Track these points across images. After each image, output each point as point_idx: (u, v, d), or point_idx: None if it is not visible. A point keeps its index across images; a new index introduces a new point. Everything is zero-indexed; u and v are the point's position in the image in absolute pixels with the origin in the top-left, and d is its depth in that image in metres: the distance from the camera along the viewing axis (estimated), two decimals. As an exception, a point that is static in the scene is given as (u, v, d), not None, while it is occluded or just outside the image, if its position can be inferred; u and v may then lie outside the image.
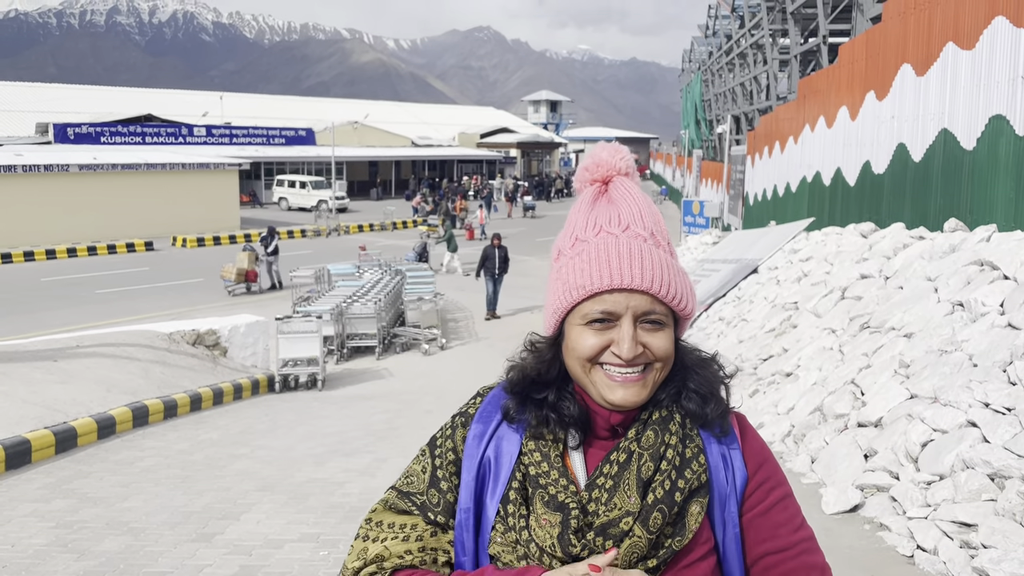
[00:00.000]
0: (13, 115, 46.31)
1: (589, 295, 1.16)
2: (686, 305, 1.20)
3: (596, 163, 1.24)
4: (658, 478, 1.16)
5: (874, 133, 11.19)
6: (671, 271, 1.18)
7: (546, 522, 1.16)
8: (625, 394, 1.16)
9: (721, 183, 27.03)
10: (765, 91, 31.22)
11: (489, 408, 1.29)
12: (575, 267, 1.18)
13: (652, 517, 1.14)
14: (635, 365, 1.16)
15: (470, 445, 1.26)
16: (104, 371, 8.88)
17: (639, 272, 1.15)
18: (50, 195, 27.11)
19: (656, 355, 1.17)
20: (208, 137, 43.64)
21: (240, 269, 19.27)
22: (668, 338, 1.18)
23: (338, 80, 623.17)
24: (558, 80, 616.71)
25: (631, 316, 1.15)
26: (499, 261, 16.96)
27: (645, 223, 1.20)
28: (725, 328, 9.62)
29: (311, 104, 71.19)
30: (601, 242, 1.18)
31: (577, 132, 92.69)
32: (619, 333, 1.15)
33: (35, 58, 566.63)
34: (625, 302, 1.15)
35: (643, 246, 1.18)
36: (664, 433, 1.19)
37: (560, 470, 1.19)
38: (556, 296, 1.20)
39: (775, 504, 1.22)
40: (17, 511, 5.54)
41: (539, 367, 1.24)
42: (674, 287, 1.17)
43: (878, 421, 5.20)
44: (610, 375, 1.16)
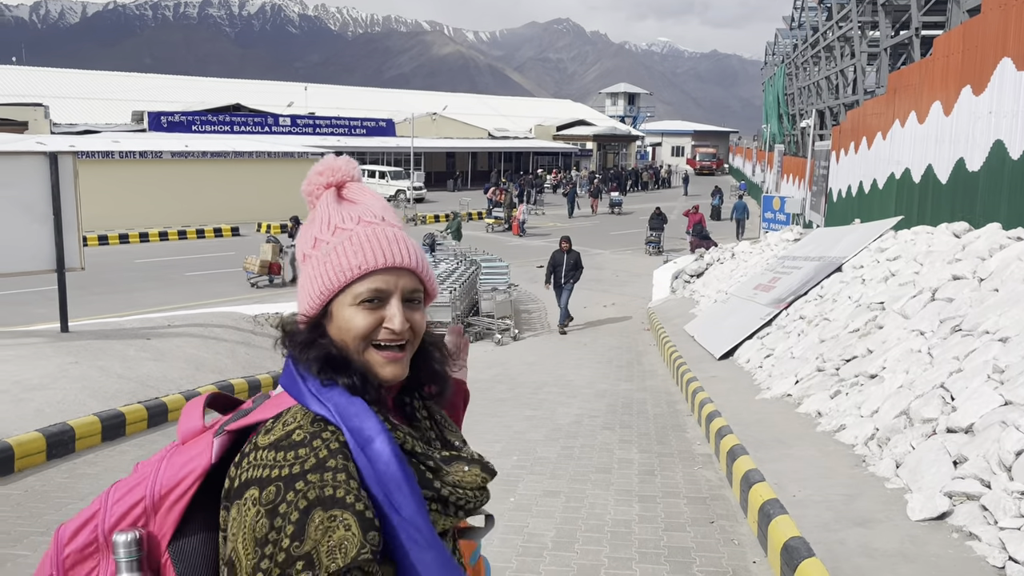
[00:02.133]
0: (111, 103, 48.39)
1: (363, 274, 1.24)
2: (434, 285, 1.36)
3: (331, 168, 1.33)
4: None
5: (969, 129, 10.75)
6: (423, 254, 1.34)
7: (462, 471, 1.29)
8: (394, 370, 1.26)
9: (803, 179, 26.36)
10: (852, 85, 30.28)
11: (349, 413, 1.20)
12: (345, 250, 1.26)
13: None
14: (401, 340, 1.26)
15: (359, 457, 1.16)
16: (193, 350, 9.24)
17: (406, 253, 1.28)
18: (144, 180, 28.27)
19: (416, 331, 1.29)
20: (293, 127, 44.76)
21: (263, 261, 19.04)
22: (424, 316, 1.32)
23: (418, 72, 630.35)
24: (636, 72, 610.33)
25: (399, 294, 1.26)
26: (568, 268, 15.10)
27: (392, 215, 1.34)
28: (806, 327, 9.41)
29: (391, 95, 72.29)
30: (366, 229, 1.28)
31: (655, 125, 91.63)
32: (390, 310, 1.25)
33: (132, 48, 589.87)
34: (395, 281, 1.26)
35: (399, 232, 1.30)
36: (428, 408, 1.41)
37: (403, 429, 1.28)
38: (325, 278, 1.25)
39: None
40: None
41: (326, 350, 1.25)
42: (427, 268, 1.33)
43: (969, 427, 5.02)
44: (382, 355, 1.25)
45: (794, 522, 4.47)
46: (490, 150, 54.85)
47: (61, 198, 8.66)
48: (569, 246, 15.42)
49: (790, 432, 6.52)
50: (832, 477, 5.34)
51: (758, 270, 14.49)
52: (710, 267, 18.43)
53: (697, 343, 11.66)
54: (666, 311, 15.74)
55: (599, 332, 15.40)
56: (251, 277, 19.01)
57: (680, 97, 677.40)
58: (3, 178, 8.40)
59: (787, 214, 23.08)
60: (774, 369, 8.75)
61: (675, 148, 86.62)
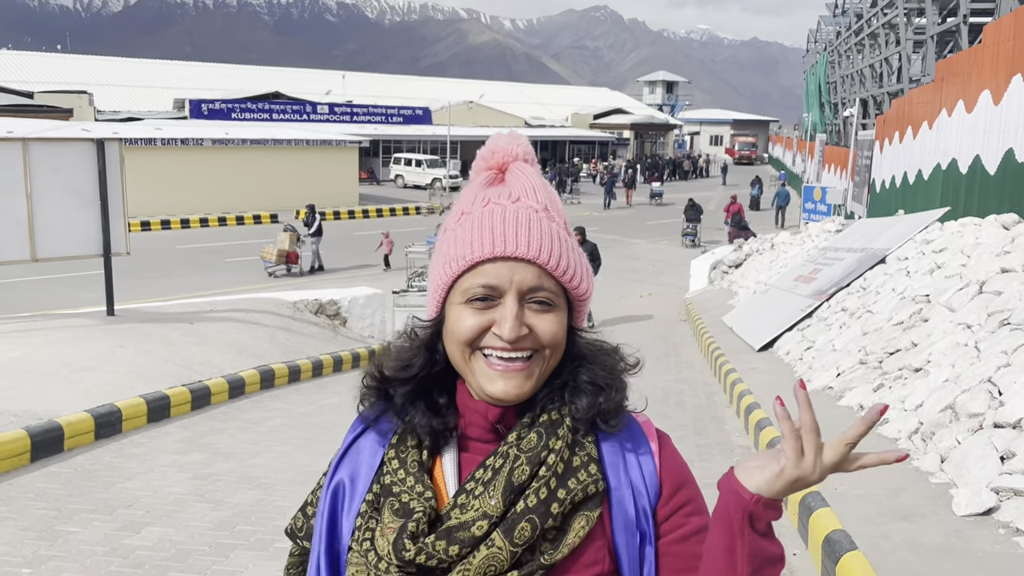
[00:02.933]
0: (153, 91, 49.12)
1: (469, 266, 1.04)
2: (580, 283, 1.08)
3: (492, 150, 1.15)
4: (534, 485, 1.01)
5: (1019, 118, 10.48)
6: (564, 245, 1.07)
7: (390, 530, 1.02)
8: (506, 386, 1.03)
9: (845, 169, 25.93)
10: (896, 73, 29.69)
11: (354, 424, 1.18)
12: (457, 238, 1.07)
13: (519, 527, 0.99)
14: (520, 350, 1.03)
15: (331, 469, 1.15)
16: (235, 335, 9.38)
17: (525, 240, 1.03)
18: (185, 167, 28.68)
19: (543, 340, 1.04)
20: (331, 115, 45.06)
21: (281, 250, 18.70)
22: (558, 322, 1.05)
23: (454, 60, 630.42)
24: (675, 60, 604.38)
25: (516, 292, 1.03)
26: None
27: (538, 196, 1.09)
28: (848, 319, 9.28)
29: (428, 83, 72.44)
30: (487, 212, 1.07)
31: (693, 114, 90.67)
32: (501, 311, 1.03)
33: (173, 37, 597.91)
34: (509, 275, 1.03)
35: (534, 216, 1.06)
36: (550, 437, 1.05)
37: (417, 476, 1.06)
38: (437, 273, 1.08)
39: (695, 533, 1.08)
40: (158, 461, 5.95)
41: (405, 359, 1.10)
42: (566, 261, 1.06)
43: (1017, 423, 4.93)
44: (491, 363, 1.03)
45: (836, 515, 4.42)
46: (526, 138, 54.70)
47: (108, 184, 8.83)
48: (583, 237, 14.41)
49: (831, 425, 6.43)
50: (875, 471, 5.26)
51: (798, 261, 14.31)
52: (749, 258, 18.24)
53: (736, 334, 11.55)
54: (704, 302, 15.62)
55: (635, 323, 15.33)
56: (268, 266, 18.76)
57: (719, 85, 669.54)
58: (53, 164, 8.58)
59: (828, 205, 22.74)
60: (815, 361, 8.66)
61: (713, 137, 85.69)
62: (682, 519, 1.08)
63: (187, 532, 4.67)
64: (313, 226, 19.66)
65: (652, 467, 1.09)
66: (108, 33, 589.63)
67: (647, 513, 1.07)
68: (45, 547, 4.39)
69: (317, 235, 19.68)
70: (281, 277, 18.66)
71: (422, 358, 1.10)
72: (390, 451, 1.10)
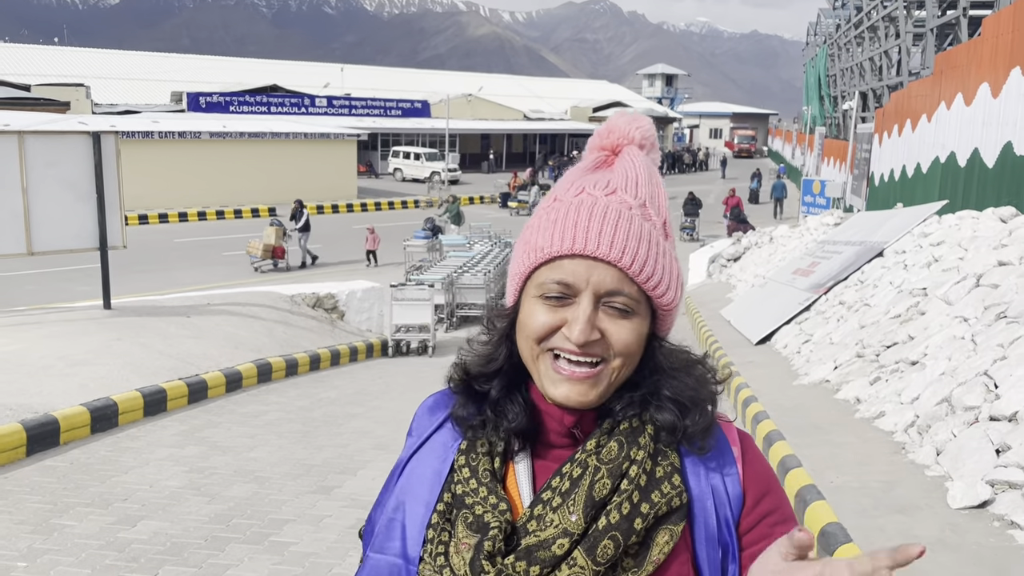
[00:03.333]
0: (150, 84, 49.01)
1: (546, 259, 0.97)
2: (665, 292, 0.99)
3: (609, 129, 1.07)
4: (616, 499, 0.96)
5: (1018, 111, 10.47)
6: (653, 248, 0.98)
7: (465, 546, 0.97)
8: (569, 391, 0.97)
9: (844, 162, 25.90)
10: (896, 66, 29.63)
11: (430, 412, 1.13)
12: (540, 227, 1.00)
13: (602, 545, 0.94)
14: (589, 355, 0.96)
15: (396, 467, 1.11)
16: (232, 328, 9.37)
17: (608, 240, 0.95)
18: (183, 161, 28.64)
19: (615, 348, 0.97)
20: (329, 108, 44.98)
21: (267, 244, 18.28)
22: (635, 331, 0.98)
23: (453, 53, 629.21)
24: (674, 53, 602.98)
25: (592, 293, 0.96)
26: None
27: (638, 191, 1.01)
28: (846, 312, 9.28)
29: (427, 76, 72.25)
30: (576, 202, 0.99)
31: (693, 107, 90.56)
32: (574, 312, 0.96)
33: (170, 29, 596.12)
34: (587, 274, 0.96)
35: (625, 212, 0.98)
36: (631, 446, 0.99)
37: (489, 486, 1.00)
38: (516, 260, 1.03)
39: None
40: (154, 455, 5.95)
41: (486, 353, 1.06)
42: (651, 266, 0.97)
43: (1013, 416, 4.92)
44: (557, 367, 0.97)
45: (831, 508, 4.43)
46: (525, 132, 54.66)
47: (104, 177, 8.80)
48: None
49: (828, 418, 6.45)
50: (870, 464, 5.28)
51: (797, 254, 14.30)
52: (747, 251, 18.23)
53: (733, 327, 11.55)
54: (702, 295, 15.62)
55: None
56: (254, 261, 18.39)
57: (718, 78, 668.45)
58: (49, 157, 8.56)
59: (827, 198, 22.71)
60: (812, 355, 8.65)
61: (713, 130, 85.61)
62: (766, 529, 1.01)
63: (183, 526, 4.67)
64: (300, 221, 19.31)
65: (735, 474, 1.03)
66: (105, 26, 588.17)
67: (730, 525, 1.01)
68: (40, 541, 4.39)
69: (304, 230, 19.36)
70: (267, 272, 18.30)
71: (504, 350, 1.05)
72: (460, 458, 1.04)
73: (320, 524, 4.75)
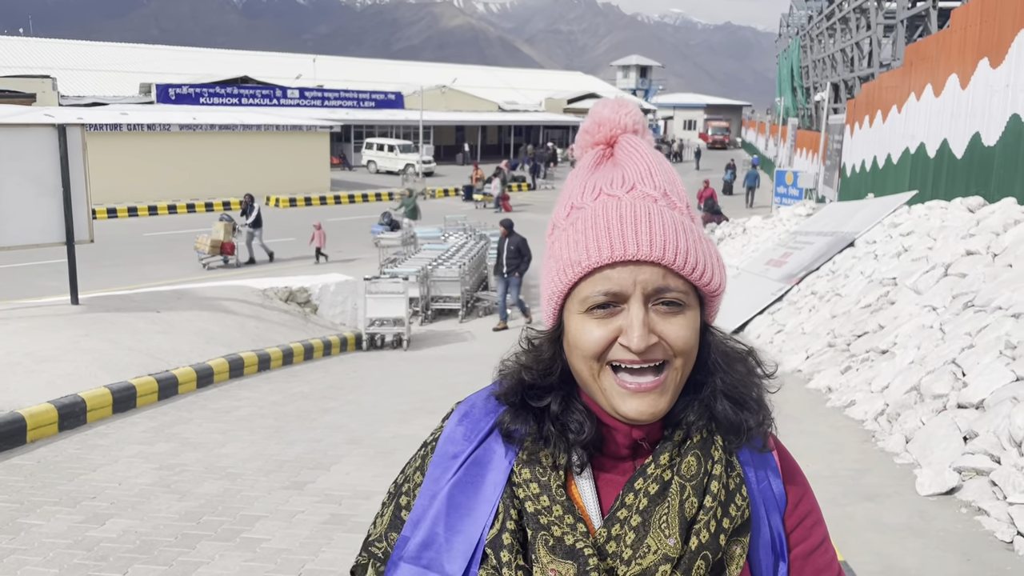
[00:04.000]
0: (119, 75, 48.27)
1: (586, 272, 0.93)
2: (712, 278, 0.96)
3: (597, 122, 1.03)
4: (702, 517, 0.94)
5: (986, 102, 10.61)
6: (690, 236, 0.95)
7: (554, 573, 0.92)
8: (640, 406, 0.92)
9: (817, 153, 26.13)
10: (867, 58, 29.90)
11: (467, 423, 1.05)
12: (569, 240, 0.96)
13: (695, 566, 0.92)
14: (651, 361, 0.92)
15: (436, 466, 1.03)
16: (203, 323, 9.27)
17: (647, 238, 0.91)
18: (152, 153, 28.26)
19: (674, 347, 0.93)
20: (301, 99, 44.58)
21: (215, 240, 17.67)
22: (690, 325, 0.94)
23: (427, 44, 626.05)
24: (648, 45, 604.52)
25: (640, 296, 0.91)
26: (508, 256, 13.04)
27: (656, 181, 0.97)
28: (818, 302, 9.36)
29: (400, 68, 71.87)
30: (599, 206, 0.95)
31: (667, 98, 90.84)
32: (627, 318, 0.92)
33: (139, 20, 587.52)
34: (632, 278, 0.91)
35: (652, 207, 0.94)
36: (707, 460, 0.97)
37: (565, 505, 0.95)
38: (550, 279, 0.97)
39: (818, 546, 1.03)
40: (124, 452, 5.87)
41: (539, 368, 1.00)
42: (694, 255, 0.94)
43: (980, 403, 5.00)
44: (621, 382, 0.93)
45: (803, 497, 4.47)
46: (500, 123, 54.54)
47: (70, 170, 8.65)
48: (508, 231, 13.19)
49: (800, 408, 6.50)
50: (841, 452, 5.33)
51: (770, 245, 14.41)
52: (721, 242, 18.34)
53: (707, 318, 11.62)
54: (676, 286, 15.67)
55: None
56: (202, 258, 17.72)
57: (693, 70, 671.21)
58: (12, 150, 8.39)
59: (800, 189, 22.91)
60: (785, 345, 8.73)
61: (687, 122, 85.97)
62: (805, 531, 1.02)
63: (153, 523, 4.61)
64: (251, 216, 18.55)
65: (778, 475, 1.03)
66: (72, 16, 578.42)
67: (780, 528, 1.01)
68: (7, 540, 4.31)
69: (256, 225, 18.61)
70: (216, 269, 17.65)
71: (559, 364, 1.00)
72: (523, 471, 0.98)
73: (293, 520, 4.71)
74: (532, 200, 33.14)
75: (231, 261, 18.11)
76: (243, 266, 18.09)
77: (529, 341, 1.04)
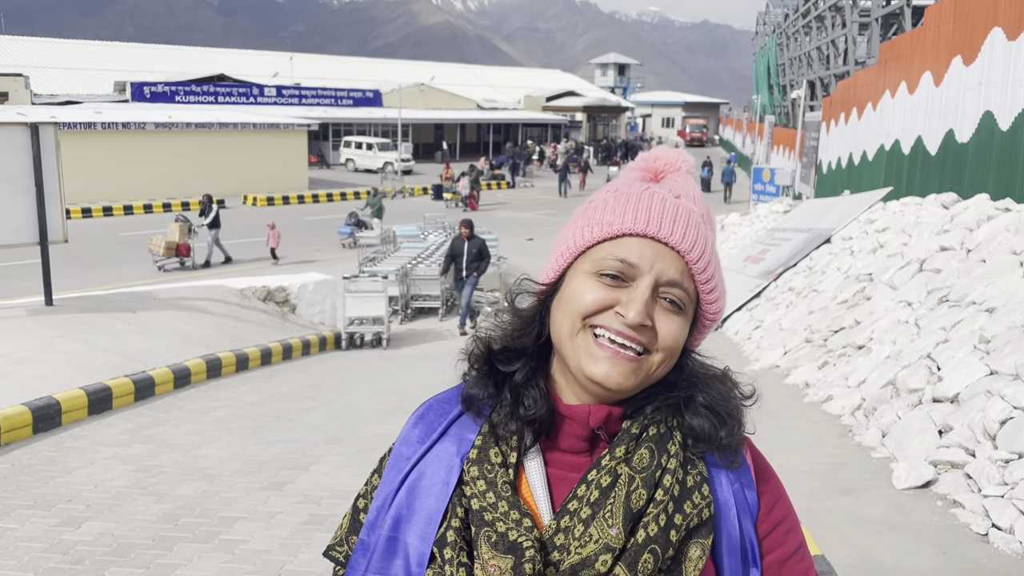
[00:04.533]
0: (92, 73, 47.68)
1: (613, 235, 0.96)
2: (717, 299, 0.99)
3: (656, 156, 1.07)
4: (652, 510, 0.93)
5: (959, 100, 10.73)
6: (715, 255, 0.99)
7: (494, 568, 0.92)
8: (610, 370, 0.93)
9: (793, 150, 26.32)
10: (843, 55, 30.16)
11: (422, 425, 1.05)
12: (608, 206, 0.99)
13: (642, 560, 0.91)
14: (637, 341, 0.93)
15: (391, 468, 1.04)
16: (180, 324, 9.18)
17: (682, 229, 0.95)
18: (128, 152, 27.94)
19: (661, 341, 0.94)
20: (278, 97, 44.28)
21: (169, 242, 16.93)
22: (682, 329, 0.96)
23: (405, 42, 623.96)
24: (626, 43, 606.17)
25: (653, 278, 0.94)
26: (469, 258, 12.59)
27: (698, 205, 1.02)
28: (795, 299, 9.44)
29: (378, 65, 71.53)
30: (647, 194, 0.99)
31: (645, 96, 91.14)
32: (631, 294, 0.94)
33: (113, 17, 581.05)
34: (652, 258, 0.94)
35: (693, 214, 0.98)
36: (662, 454, 0.96)
37: (511, 501, 0.95)
38: (572, 235, 1.00)
39: (793, 553, 1.02)
40: (100, 454, 5.80)
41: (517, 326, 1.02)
42: (712, 269, 0.98)
43: (955, 397, 5.06)
44: (600, 343, 0.93)
45: (781, 492, 4.50)
46: (479, 121, 54.48)
47: (43, 169, 8.53)
48: (471, 232, 12.80)
49: (778, 403, 6.55)
50: (819, 447, 5.38)
51: (747, 242, 14.50)
52: (699, 239, 18.41)
53: (686, 315, 11.68)
54: (655, 283, 15.74)
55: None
56: (157, 260, 17.01)
57: (670, 68, 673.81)
58: (-17, 149, 8.27)
59: (777, 186, 23.07)
60: (763, 341, 8.79)
61: (665, 119, 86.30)
62: (779, 538, 1.01)
63: (129, 526, 4.56)
64: (209, 216, 17.91)
65: (750, 481, 1.02)
66: (45, 14, 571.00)
67: (752, 533, 1.00)
68: (-21, 545, 4.25)
69: (214, 226, 17.90)
70: (172, 271, 16.96)
71: (536, 325, 1.01)
72: (472, 468, 0.98)
73: (272, 521, 4.68)
74: (510, 198, 33.12)
75: (187, 263, 17.39)
76: (199, 268, 17.39)
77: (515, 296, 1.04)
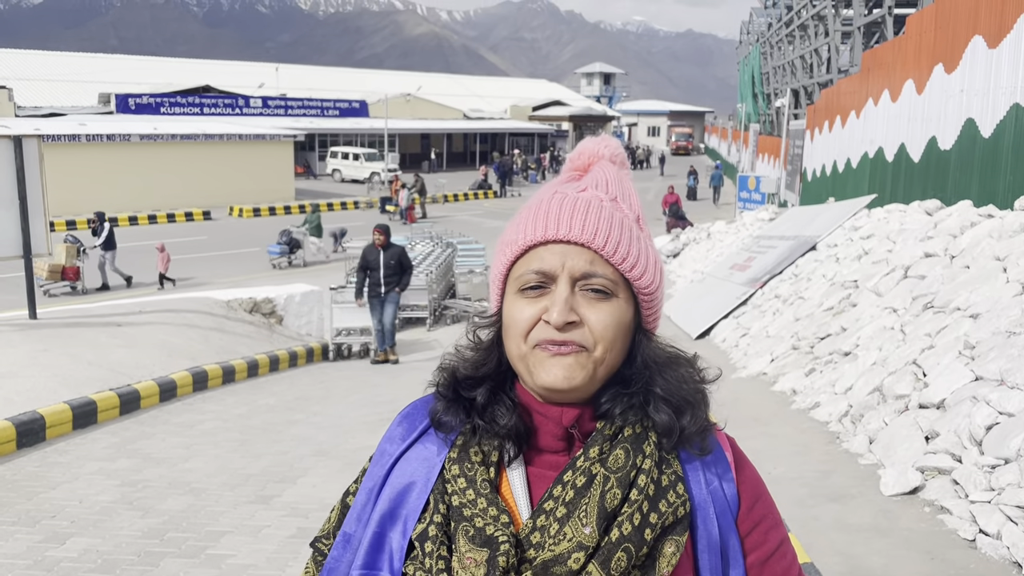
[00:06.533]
0: (77, 85, 47.43)
1: (522, 251, 0.99)
2: (642, 274, 0.99)
3: (579, 152, 1.10)
4: (626, 510, 0.94)
5: (941, 107, 10.82)
6: (626, 231, 0.99)
7: (470, 561, 0.94)
8: (557, 372, 0.94)
9: (778, 158, 26.48)
10: (826, 64, 30.40)
11: (406, 423, 1.09)
12: (515, 223, 1.02)
13: (615, 557, 0.92)
14: (569, 342, 0.95)
15: (375, 463, 1.08)
16: (165, 336, 9.12)
17: (580, 223, 0.97)
18: (112, 164, 27.78)
19: (595, 332, 0.95)
20: (264, 108, 44.18)
21: (54, 265, 14.98)
22: (612, 313, 0.97)
23: (391, 52, 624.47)
24: (612, 52, 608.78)
25: (568, 277, 0.96)
26: (387, 272, 10.23)
27: (609, 188, 1.04)
28: (781, 306, 9.47)
29: (364, 76, 71.49)
30: (548, 198, 1.02)
31: (630, 105, 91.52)
32: (551, 297, 0.96)
33: (97, 29, 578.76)
34: (561, 259, 0.96)
35: (594, 201, 1.00)
36: (636, 454, 0.97)
37: (489, 497, 0.97)
38: (494, 262, 1.04)
39: (774, 551, 1.03)
40: (84, 469, 5.75)
41: (476, 357, 1.05)
42: (625, 247, 0.98)
43: (941, 403, 5.08)
44: (544, 348, 0.96)
45: (770, 499, 4.50)
46: (465, 131, 54.54)
47: (27, 183, 8.47)
48: (386, 239, 10.35)
49: (765, 410, 6.56)
50: (807, 454, 5.39)
51: (734, 250, 14.56)
52: (686, 247, 18.49)
53: (673, 323, 11.70)
54: (642, 291, 15.77)
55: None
56: (42, 284, 14.77)
57: (656, 77, 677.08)
58: (-34, 162, 8.20)
59: (762, 193, 23.18)
60: (750, 348, 8.81)
61: (651, 128, 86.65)
62: (761, 536, 1.02)
63: (115, 541, 4.51)
64: (101, 236, 16.29)
65: (731, 479, 1.03)
66: (29, 25, 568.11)
67: (732, 531, 1.01)
68: (-39, 564, 4.20)
69: (108, 247, 16.33)
70: (60, 296, 15.29)
71: (495, 355, 1.04)
72: (452, 467, 1.01)
73: (259, 535, 4.65)
74: (498, 208, 33.15)
75: (77, 287, 15.72)
76: (94, 292, 15.85)
77: (475, 333, 1.07)
